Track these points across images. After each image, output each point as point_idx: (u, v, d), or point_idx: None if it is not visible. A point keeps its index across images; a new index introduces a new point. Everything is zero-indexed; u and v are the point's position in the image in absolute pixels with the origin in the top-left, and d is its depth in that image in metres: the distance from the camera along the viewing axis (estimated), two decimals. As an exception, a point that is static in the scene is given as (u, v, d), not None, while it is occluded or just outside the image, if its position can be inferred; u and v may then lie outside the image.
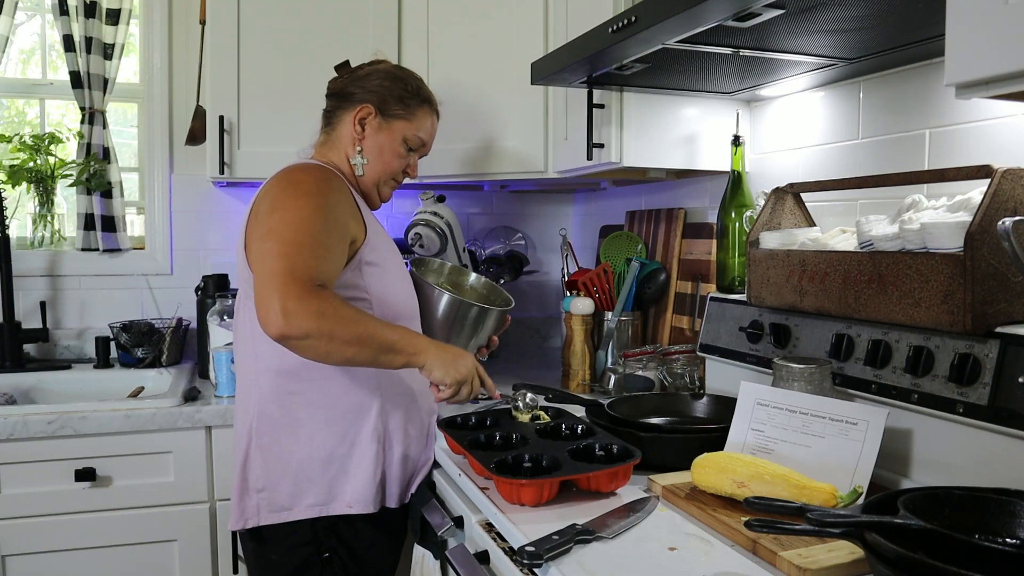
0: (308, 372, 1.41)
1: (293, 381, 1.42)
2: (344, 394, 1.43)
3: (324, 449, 1.43)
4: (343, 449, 1.43)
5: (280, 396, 1.43)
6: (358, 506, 1.44)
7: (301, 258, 1.27)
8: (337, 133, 1.57)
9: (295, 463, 1.43)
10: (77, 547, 1.89)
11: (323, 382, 1.42)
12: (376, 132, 1.55)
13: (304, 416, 1.43)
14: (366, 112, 1.54)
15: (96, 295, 2.53)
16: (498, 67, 2.18)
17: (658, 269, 2.17)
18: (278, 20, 2.27)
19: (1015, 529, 0.89)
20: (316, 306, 1.23)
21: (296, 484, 1.43)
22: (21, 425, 1.83)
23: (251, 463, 1.45)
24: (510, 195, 2.93)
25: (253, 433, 1.44)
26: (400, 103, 1.56)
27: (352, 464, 1.44)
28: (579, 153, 1.89)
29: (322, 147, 1.60)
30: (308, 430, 1.43)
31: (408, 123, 1.58)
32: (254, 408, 1.45)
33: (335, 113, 1.58)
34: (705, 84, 1.71)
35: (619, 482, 1.23)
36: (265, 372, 1.44)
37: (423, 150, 1.64)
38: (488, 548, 1.17)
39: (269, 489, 1.43)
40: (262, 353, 1.43)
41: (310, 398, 1.43)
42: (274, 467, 1.43)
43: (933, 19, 1.16)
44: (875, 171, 1.51)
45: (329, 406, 1.43)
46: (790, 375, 1.29)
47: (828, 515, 0.87)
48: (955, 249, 1.14)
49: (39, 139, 2.46)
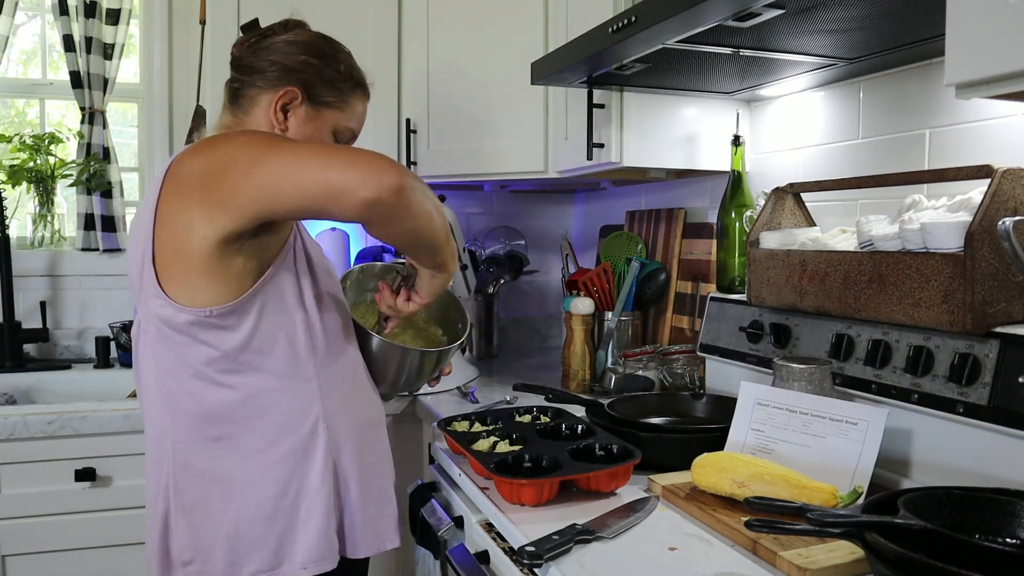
0: (235, 411, 1.17)
1: (217, 424, 1.17)
2: (281, 432, 1.19)
3: (266, 503, 1.18)
4: (288, 499, 1.19)
5: (203, 444, 1.17)
6: (314, 566, 1.19)
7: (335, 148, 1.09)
8: (250, 118, 1.28)
9: (229, 525, 1.17)
10: (77, 547, 1.89)
11: (253, 421, 1.18)
12: (303, 123, 1.28)
13: (234, 466, 1.17)
14: (291, 97, 1.27)
15: (96, 295, 2.53)
16: (498, 67, 2.18)
17: (658, 269, 2.17)
18: (278, 20, 2.26)
19: (1015, 529, 0.89)
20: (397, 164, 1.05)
21: (233, 551, 1.17)
22: (21, 425, 1.83)
23: (172, 531, 1.18)
24: (510, 195, 2.93)
25: (171, 493, 1.18)
26: (331, 88, 1.30)
27: (301, 516, 1.20)
28: (579, 153, 1.89)
29: (228, 131, 1.29)
30: (242, 483, 1.17)
31: (340, 112, 1.32)
32: (169, 462, 1.18)
33: (245, 92, 1.29)
34: (705, 84, 1.71)
35: (619, 482, 1.23)
36: (182, 415, 1.18)
37: (351, 143, 1.37)
38: (488, 548, 1.17)
39: (199, 561, 1.18)
40: (176, 393, 1.17)
41: (239, 443, 1.18)
42: (203, 533, 1.17)
43: (933, 19, 1.16)
44: (875, 171, 1.51)
45: (264, 450, 1.18)
46: (790, 375, 1.29)
47: (828, 515, 0.87)
48: (955, 249, 1.14)
49: (39, 139, 2.46)
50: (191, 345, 1.15)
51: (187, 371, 1.16)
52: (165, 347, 1.17)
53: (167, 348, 1.17)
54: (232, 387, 1.17)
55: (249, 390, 1.17)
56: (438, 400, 1.94)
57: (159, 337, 1.17)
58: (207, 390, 1.16)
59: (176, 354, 1.16)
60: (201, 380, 1.16)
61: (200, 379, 1.16)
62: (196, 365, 1.16)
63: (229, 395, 1.17)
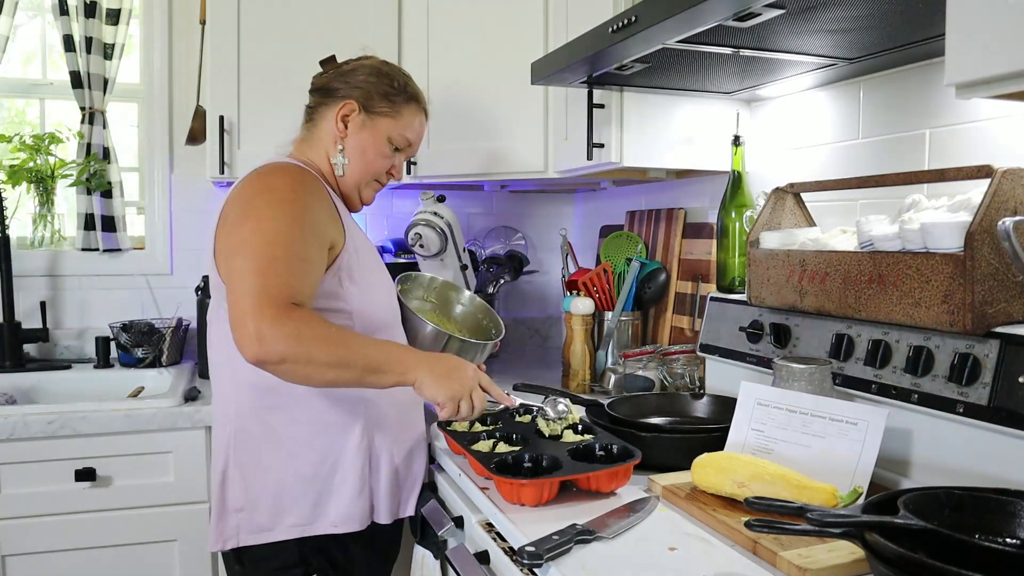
0: (288, 387, 1.32)
1: (273, 396, 1.35)
2: (327, 408, 1.37)
3: (306, 466, 1.37)
4: (326, 467, 1.37)
5: (259, 411, 1.37)
6: (344, 525, 1.38)
7: (276, 275, 1.21)
8: (319, 130, 1.50)
9: (274, 482, 1.36)
10: (77, 547, 1.89)
11: (305, 396, 1.36)
12: (359, 130, 1.48)
13: (284, 432, 1.36)
14: (349, 109, 1.47)
15: (96, 295, 2.53)
16: (498, 67, 2.18)
17: (658, 269, 2.17)
18: (278, 20, 2.27)
19: (1015, 529, 0.89)
20: (291, 328, 1.17)
21: (277, 503, 1.36)
22: (21, 425, 1.83)
23: (229, 482, 1.38)
24: (510, 195, 2.93)
25: (231, 450, 1.38)
26: (385, 100, 1.49)
27: (336, 481, 1.38)
28: (579, 153, 1.89)
29: (301, 144, 1.53)
30: (289, 447, 1.36)
31: (394, 121, 1.50)
32: (232, 424, 1.38)
33: (317, 109, 1.51)
34: (705, 84, 1.71)
35: (619, 482, 1.23)
36: (243, 386, 1.37)
37: (409, 151, 1.57)
38: (488, 548, 1.17)
39: (249, 509, 1.37)
40: (240, 367, 1.30)
41: (291, 413, 1.36)
42: (253, 486, 1.37)
43: (933, 19, 1.16)
44: (875, 171, 1.51)
45: (311, 421, 1.37)
46: (790, 375, 1.29)
47: (828, 515, 0.87)
48: (955, 249, 1.14)
49: (39, 139, 2.46)
50: None
51: None
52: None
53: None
54: None
55: None
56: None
57: (226, 317, 1.30)
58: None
59: None
60: None
61: None
62: None
63: None
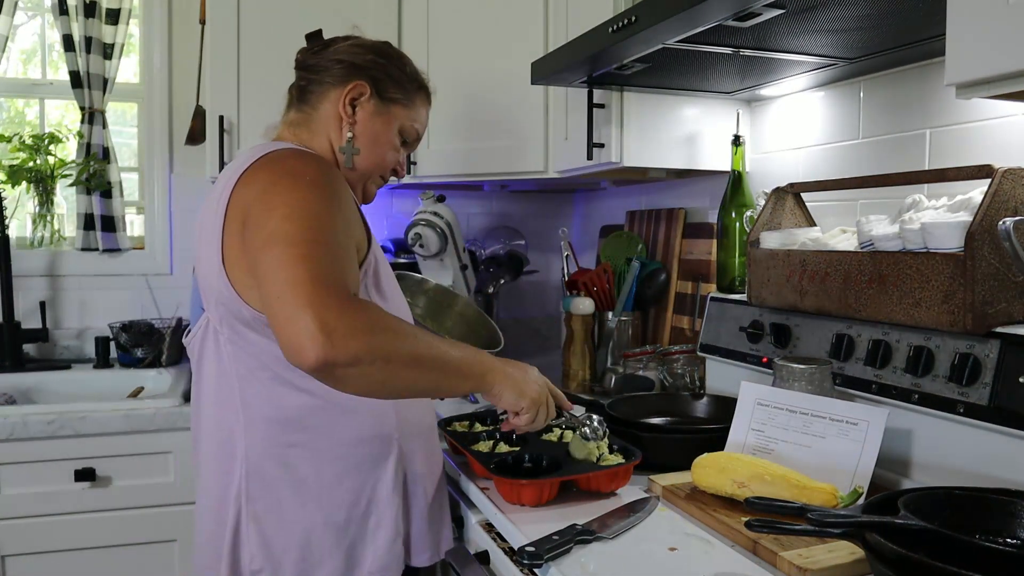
0: (312, 417, 1.14)
1: (293, 430, 1.15)
2: (357, 442, 1.17)
3: (339, 511, 1.16)
4: (360, 508, 1.17)
5: (277, 450, 1.15)
6: (380, 574, 1.18)
7: (327, 260, 0.98)
8: (319, 113, 1.27)
9: (301, 533, 1.14)
10: (77, 547, 1.89)
11: (331, 429, 1.16)
12: (371, 117, 1.27)
13: (310, 473, 1.15)
14: (359, 92, 1.26)
15: (96, 295, 2.53)
16: (498, 67, 2.18)
17: (658, 269, 2.16)
18: (278, 20, 2.27)
19: (1016, 529, 0.89)
20: (364, 319, 0.94)
21: (304, 559, 1.15)
22: (21, 425, 1.83)
23: (243, 539, 1.15)
24: (510, 195, 2.93)
25: (243, 499, 1.15)
26: (398, 86, 1.30)
27: (371, 525, 1.18)
28: (579, 153, 1.89)
29: (296, 128, 1.29)
30: (316, 490, 1.15)
31: (407, 110, 1.32)
32: (240, 468, 1.15)
33: (312, 88, 1.28)
34: (705, 84, 1.71)
35: (619, 482, 1.23)
36: (256, 422, 1.15)
37: (415, 146, 1.39)
38: (488, 548, 1.17)
39: (270, 569, 1.14)
40: (251, 397, 1.14)
41: (316, 450, 1.15)
42: (275, 540, 1.14)
43: (933, 19, 1.16)
44: (875, 171, 1.51)
45: (340, 457, 1.16)
46: (791, 375, 1.29)
47: (828, 515, 0.87)
48: (955, 249, 1.14)
49: (39, 139, 2.46)
50: (270, 347, 1.11)
51: (267, 375, 1.13)
52: (241, 349, 1.14)
53: (243, 350, 1.14)
54: (312, 392, 1.13)
55: (331, 395, 1.12)
56: (438, 401, 1.94)
57: (234, 339, 1.14)
58: (288, 395, 1.13)
59: (254, 356, 1.13)
60: (282, 384, 1.13)
61: (280, 383, 1.13)
62: (276, 368, 1.13)
63: (309, 400, 1.14)
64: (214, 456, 1.19)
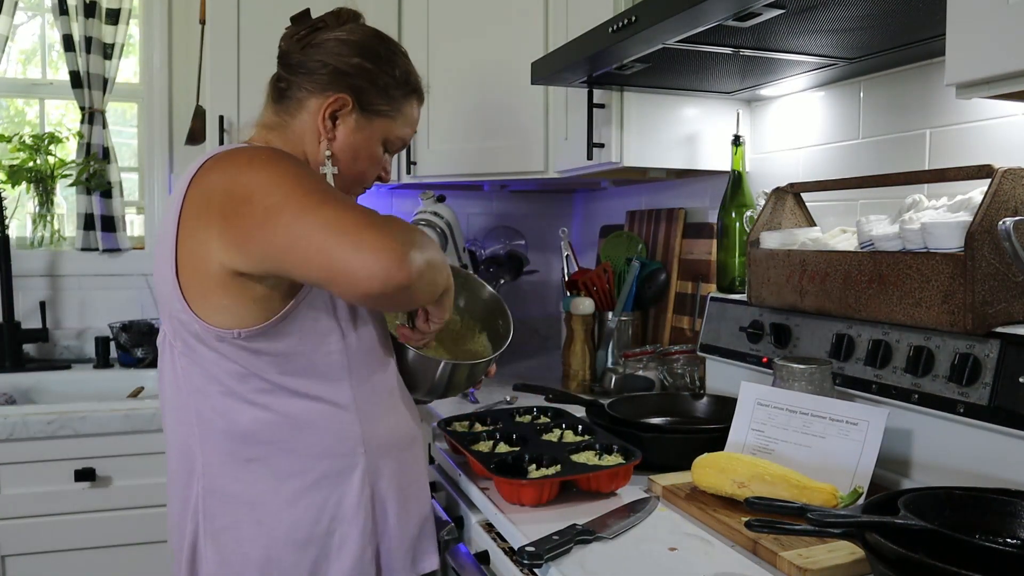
0: (267, 432, 1.09)
1: (251, 445, 1.09)
2: (317, 457, 1.11)
3: (299, 529, 1.11)
4: (322, 526, 1.12)
5: (233, 466, 1.10)
6: None
7: (340, 197, 0.99)
8: (295, 122, 1.20)
9: (260, 551, 1.10)
10: (77, 547, 1.90)
11: (288, 444, 1.10)
12: (352, 132, 1.20)
13: (267, 489, 1.10)
14: (340, 105, 1.18)
15: (96, 295, 2.53)
16: (498, 67, 2.18)
17: (658, 269, 2.16)
18: (278, 20, 2.24)
19: (1016, 529, 0.89)
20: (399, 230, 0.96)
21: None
22: (21, 425, 1.83)
23: (201, 558, 1.11)
24: (510, 195, 2.93)
25: (200, 517, 1.11)
26: (384, 96, 1.21)
27: (335, 543, 1.12)
28: (579, 153, 1.89)
29: (269, 133, 1.22)
30: (275, 507, 1.10)
31: (391, 121, 1.23)
32: (197, 485, 1.11)
33: (292, 93, 1.21)
34: (705, 84, 1.71)
35: (619, 482, 1.23)
36: (212, 435, 1.10)
37: (401, 149, 1.31)
38: (488, 548, 1.17)
39: None
40: (206, 412, 1.10)
41: (274, 465, 1.10)
42: (232, 559, 1.10)
43: (933, 19, 1.16)
44: (875, 171, 1.51)
45: (299, 473, 1.11)
46: (791, 375, 1.29)
47: (828, 515, 0.87)
48: (955, 249, 1.14)
49: (39, 139, 2.46)
50: (221, 362, 1.08)
51: (218, 389, 1.09)
52: (193, 363, 1.10)
53: (195, 364, 1.10)
54: (266, 407, 1.09)
55: (285, 409, 1.10)
56: (438, 401, 1.93)
57: (186, 352, 1.10)
58: (240, 409, 1.08)
59: (205, 370, 1.09)
60: (234, 399, 1.09)
61: (232, 398, 1.09)
62: (227, 383, 1.08)
63: (264, 415, 1.09)
64: (175, 471, 1.16)
